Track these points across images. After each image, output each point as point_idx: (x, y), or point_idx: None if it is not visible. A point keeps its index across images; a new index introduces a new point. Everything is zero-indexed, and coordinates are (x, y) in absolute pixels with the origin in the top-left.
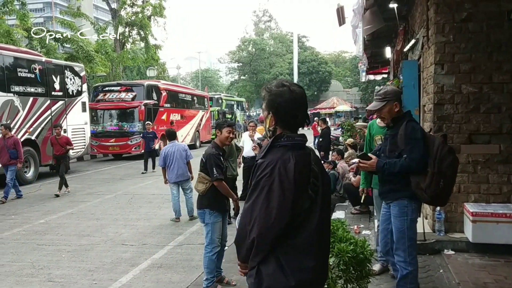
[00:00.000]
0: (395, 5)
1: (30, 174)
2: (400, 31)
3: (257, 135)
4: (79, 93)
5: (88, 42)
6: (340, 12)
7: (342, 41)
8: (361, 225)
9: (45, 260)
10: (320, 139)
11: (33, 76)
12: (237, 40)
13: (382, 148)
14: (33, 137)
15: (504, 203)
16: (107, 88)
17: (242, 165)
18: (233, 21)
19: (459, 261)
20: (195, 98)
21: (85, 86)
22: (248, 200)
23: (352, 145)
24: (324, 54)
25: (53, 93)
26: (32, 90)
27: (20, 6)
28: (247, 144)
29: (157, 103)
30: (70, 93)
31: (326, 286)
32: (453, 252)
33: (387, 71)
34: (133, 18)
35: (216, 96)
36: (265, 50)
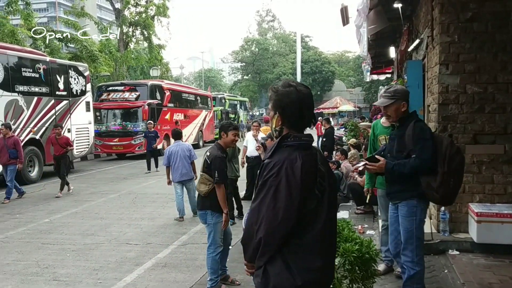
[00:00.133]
0: (400, 5)
1: (35, 174)
2: (405, 31)
3: (261, 135)
4: (83, 93)
5: (92, 42)
6: (344, 12)
7: (346, 41)
8: (365, 225)
9: (50, 259)
10: (324, 139)
11: (38, 76)
12: (240, 40)
13: (389, 148)
14: (37, 137)
15: (509, 203)
16: (111, 88)
17: (246, 165)
18: (236, 21)
19: (464, 262)
20: (199, 98)
21: (89, 86)
22: (255, 200)
23: (355, 145)
24: (327, 54)
25: (57, 93)
26: (37, 90)
27: (24, 6)
28: (251, 144)
29: (161, 103)
30: (74, 93)
31: (332, 286)
32: (458, 253)
33: (391, 71)
34: (137, 18)
35: (219, 96)
36: (268, 50)
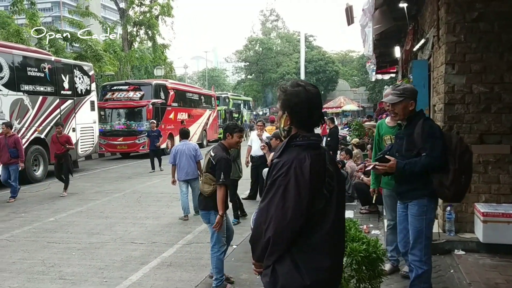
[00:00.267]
0: (405, 5)
1: (40, 172)
2: (410, 31)
3: (266, 134)
4: (88, 92)
5: (97, 42)
6: (349, 12)
7: (349, 41)
8: (370, 225)
9: (56, 258)
10: (328, 139)
11: (43, 75)
12: (244, 40)
13: (397, 148)
14: (43, 136)
15: None
16: (115, 87)
17: (250, 164)
18: (240, 21)
19: (470, 262)
20: (202, 97)
21: (94, 85)
22: (264, 199)
23: (358, 145)
24: (331, 54)
25: (62, 92)
26: (42, 89)
27: (29, 6)
28: (255, 144)
29: (165, 102)
30: (79, 92)
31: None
32: (464, 253)
33: (395, 71)
34: (141, 18)
35: (223, 95)
36: (272, 50)
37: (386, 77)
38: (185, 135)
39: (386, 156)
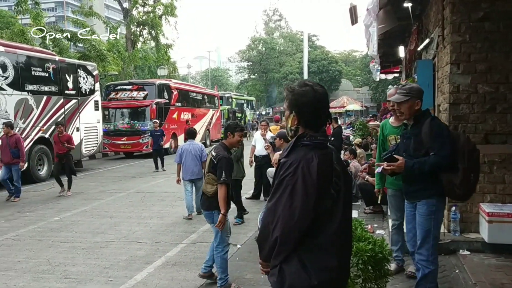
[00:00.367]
0: (409, 4)
1: (44, 172)
2: (414, 30)
3: (269, 134)
4: (92, 92)
5: (101, 42)
6: (353, 11)
7: (353, 40)
8: (375, 225)
9: (61, 257)
10: (332, 138)
11: (47, 75)
12: (247, 39)
13: (404, 148)
14: (47, 135)
15: None
16: (119, 87)
17: (254, 164)
18: (244, 21)
19: (475, 262)
20: (206, 97)
21: (98, 85)
22: (271, 199)
23: (360, 145)
24: (334, 53)
25: (66, 92)
26: (46, 89)
27: (33, 6)
28: (259, 143)
29: (168, 102)
30: (83, 92)
31: None
32: (469, 253)
33: (399, 71)
34: (145, 18)
35: (226, 95)
36: (275, 49)
37: (390, 77)
38: (192, 135)
39: (395, 156)
